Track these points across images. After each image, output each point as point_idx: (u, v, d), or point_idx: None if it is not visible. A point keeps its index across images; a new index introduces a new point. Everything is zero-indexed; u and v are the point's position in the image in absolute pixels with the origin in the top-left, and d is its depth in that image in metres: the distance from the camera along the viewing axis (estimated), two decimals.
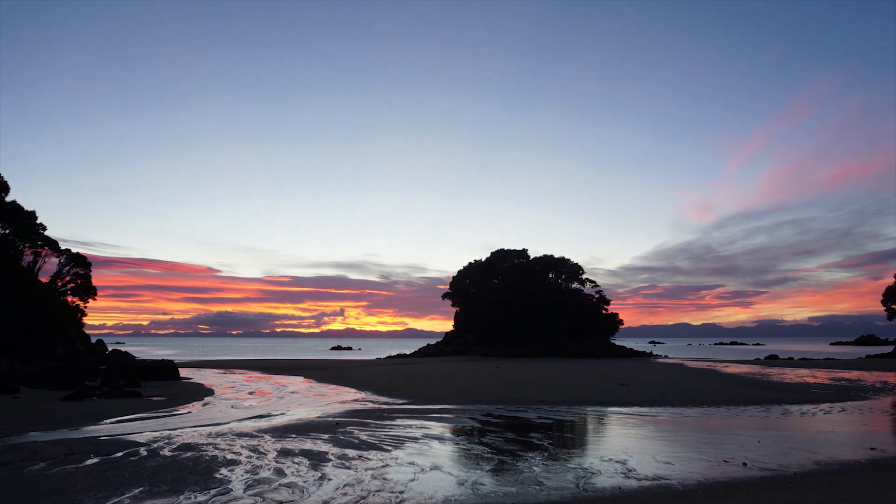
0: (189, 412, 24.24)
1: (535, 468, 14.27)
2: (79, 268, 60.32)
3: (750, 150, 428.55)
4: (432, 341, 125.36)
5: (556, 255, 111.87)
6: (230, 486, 12.58)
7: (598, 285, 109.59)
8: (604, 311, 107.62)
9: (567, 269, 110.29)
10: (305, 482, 12.93)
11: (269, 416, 23.24)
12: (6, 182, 53.87)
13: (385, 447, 16.62)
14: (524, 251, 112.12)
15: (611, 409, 25.94)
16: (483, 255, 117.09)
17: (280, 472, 13.74)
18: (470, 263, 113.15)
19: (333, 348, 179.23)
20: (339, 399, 30.21)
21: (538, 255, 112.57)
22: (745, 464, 14.81)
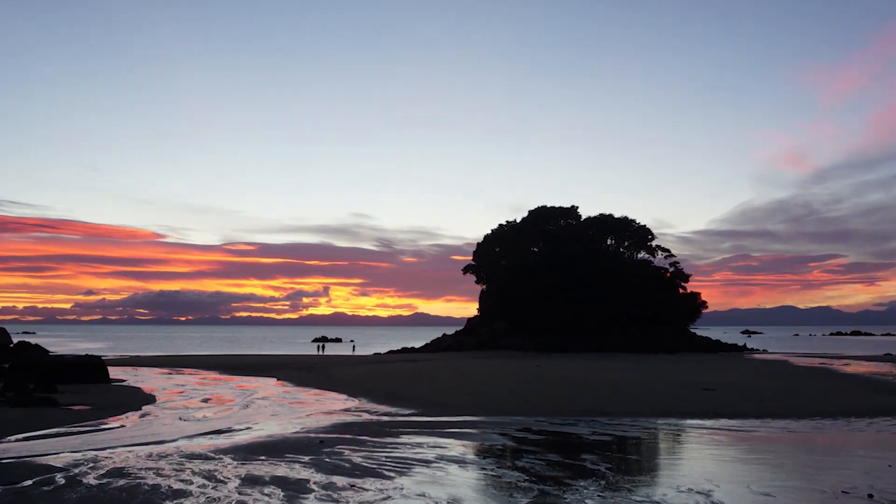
0: (122, 426, 24.32)
1: (588, 502, 14.04)
2: None
3: (853, 82, 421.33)
4: (449, 330, 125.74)
5: (617, 215, 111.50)
6: None
7: (672, 255, 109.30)
8: (681, 291, 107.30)
9: (631, 234, 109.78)
10: None
11: (229, 431, 23.31)
12: None
13: (386, 473, 16.53)
14: (573, 209, 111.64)
15: (690, 421, 25.87)
16: (518, 216, 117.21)
17: None
18: (501, 226, 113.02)
19: (317, 340, 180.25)
20: (324, 408, 30.28)
21: (591, 215, 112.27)
22: (871, 495, 14.62)
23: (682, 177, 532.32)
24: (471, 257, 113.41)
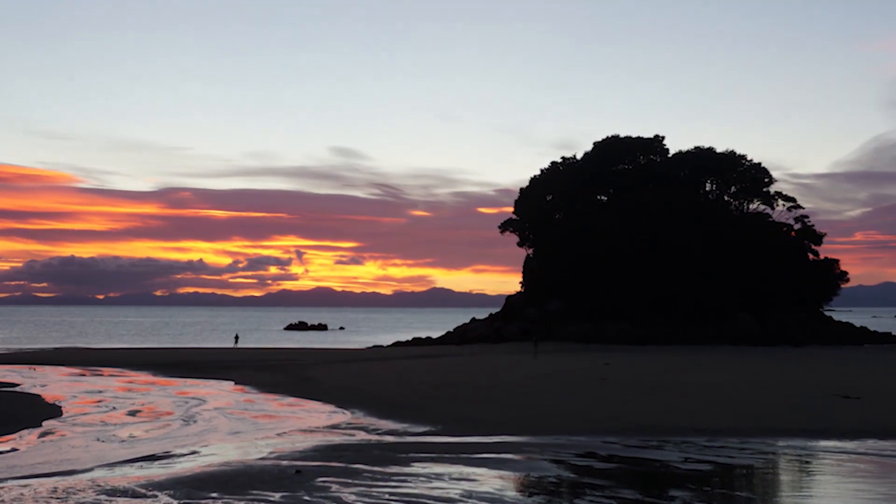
0: (14, 450, 24.47)
1: None
2: None
3: None
4: (480, 313, 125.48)
5: (718, 150, 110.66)
6: None
7: (798, 206, 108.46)
8: (811, 258, 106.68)
9: (740, 175, 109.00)
10: None
11: (168, 456, 23.45)
12: None
13: None
14: (657, 140, 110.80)
15: (824, 443, 25.86)
16: (577, 152, 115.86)
17: None
18: (554, 164, 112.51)
19: (291, 327, 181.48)
20: (302, 424, 30.47)
21: (683, 149, 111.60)
22: None
23: (791, 105, 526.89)
24: (510, 209, 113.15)
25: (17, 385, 44.66)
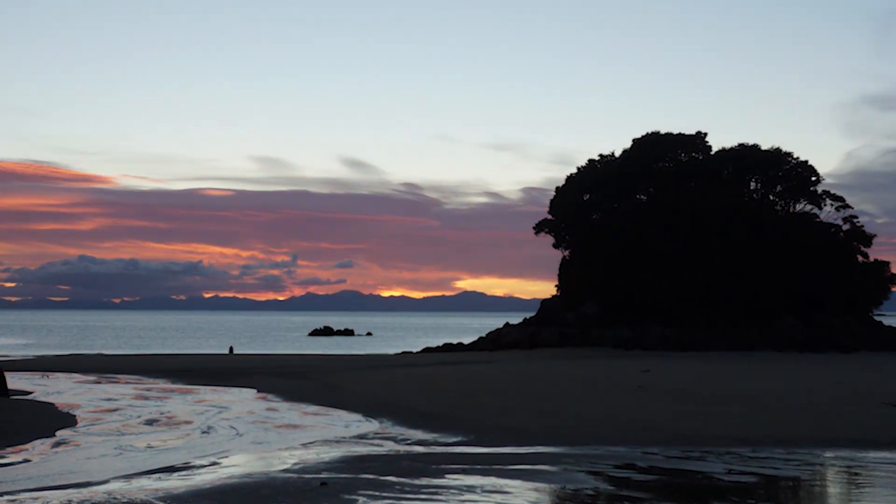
0: (26, 461, 24.51)
1: None
2: None
3: None
4: (513, 318, 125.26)
5: (763, 147, 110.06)
6: None
7: (847, 205, 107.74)
8: (860, 259, 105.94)
9: (786, 174, 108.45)
10: None
11: (187, 467, 23.47)
12: None
13: None
14: (699, 137, 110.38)
15: (874, 454, 25.67)
16: (616, 147, 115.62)
17: None
18: (592, 162, 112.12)
19: (316, 332, 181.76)
20: (327, 434, 30.49)
21: (725, 146, 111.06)
22: None
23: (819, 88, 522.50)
24: (547, 210, 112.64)
25: (30, 393, 44.87)
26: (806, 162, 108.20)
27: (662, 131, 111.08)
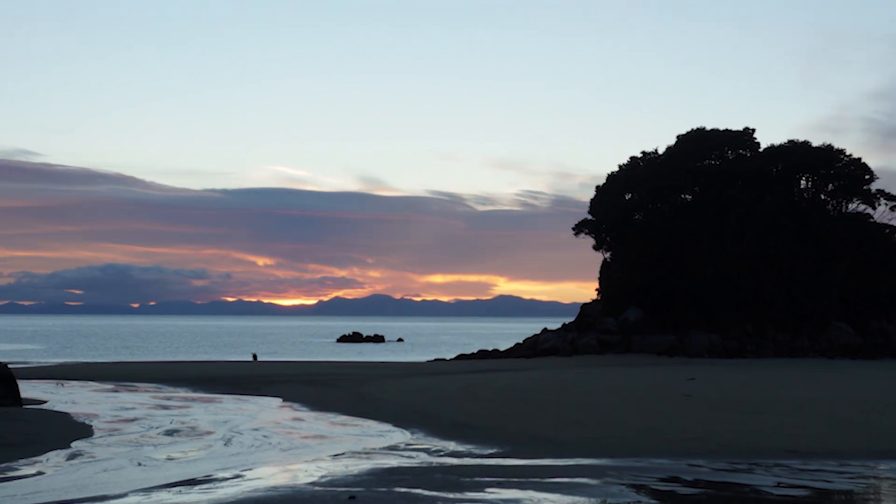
0: (41, 473, 24.46)
1: None
2: None
3: None
4: (551, 323, 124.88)
5: (814, 144, 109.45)
6: None
7: None
8: None
9: (838, 172, 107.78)
10: None
11: (209, 480, 23.40)
12: None
13: None
14: (747, 133, 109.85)
15: None
16: (659, 144, 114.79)
17: None
18: (634, 160, 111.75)
19: (344, 339, 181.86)
20: (357, 446, 30.39)
21: (775, 143, 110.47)
22: None
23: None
24: (587, 210, 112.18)
25: (44, 402, 44.89)
26: (859, 159, 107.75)
27: (708, 127, 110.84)
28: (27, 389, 48.45)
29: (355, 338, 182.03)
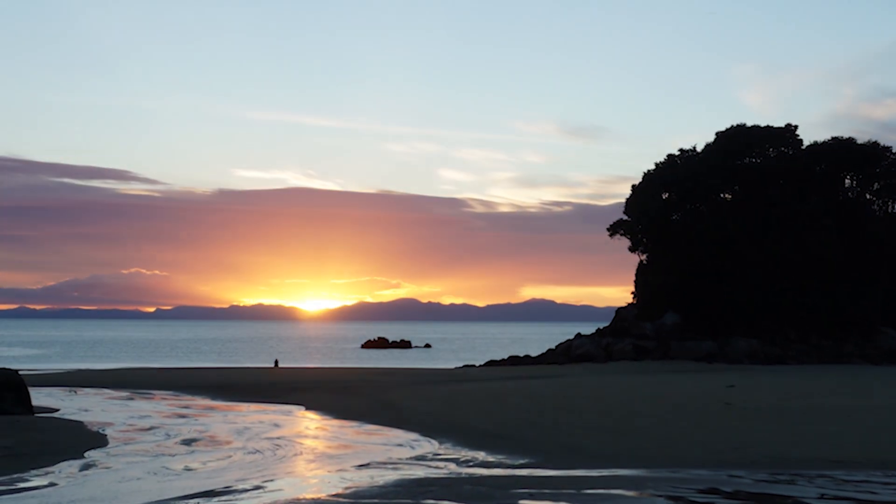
0: (53, 485, 24.43)
1: None
2: None
3: None
4: (585, 327, 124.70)
5: (859, 141, 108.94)
6: None
7: None
8: None
9: (884, 171, 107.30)
10: None
11: (229, 492, 23.36)
12: None
13: None
14: (789, 130, 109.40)
15: None
16: (698, 141, 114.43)
17: None
18: (671, 158, 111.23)
19: (370, 344, 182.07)
20: (382, 456, 30.31)
21: (818, 140, 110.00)
22: None
23: None
24: (623, 210, 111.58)
25: (57, 410, 45.04)
26: None
27: (748, 124, 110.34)
28: (38, 397, 48.58)
29: (381, 343, 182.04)
